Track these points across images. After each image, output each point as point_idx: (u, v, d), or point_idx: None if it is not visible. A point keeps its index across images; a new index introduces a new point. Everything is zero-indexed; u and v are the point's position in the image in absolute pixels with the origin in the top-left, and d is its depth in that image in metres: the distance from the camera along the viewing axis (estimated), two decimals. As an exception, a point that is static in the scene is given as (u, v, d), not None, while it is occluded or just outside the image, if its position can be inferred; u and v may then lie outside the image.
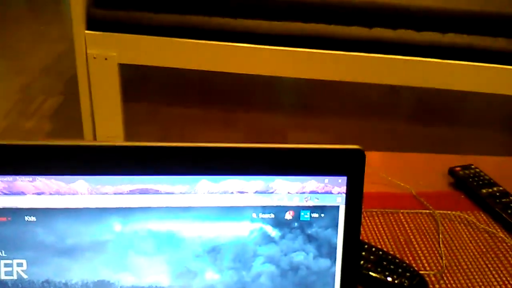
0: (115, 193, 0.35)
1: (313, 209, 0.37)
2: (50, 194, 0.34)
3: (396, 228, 0.64)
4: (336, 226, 0.38)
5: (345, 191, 0.38)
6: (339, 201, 0.38)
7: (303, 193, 0.37)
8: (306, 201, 0.37)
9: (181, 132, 1.72)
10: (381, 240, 0.61)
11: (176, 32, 1.44)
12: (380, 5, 1.41)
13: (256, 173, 0.36)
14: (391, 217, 0.66)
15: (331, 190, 0.37)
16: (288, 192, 0.37)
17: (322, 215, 0.38)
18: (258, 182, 0.36)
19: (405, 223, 0.65)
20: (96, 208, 0.35)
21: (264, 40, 1.44)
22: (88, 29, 1.44)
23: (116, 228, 0.35)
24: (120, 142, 0.34)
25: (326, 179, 0.37)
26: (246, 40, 1.44)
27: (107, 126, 1.56)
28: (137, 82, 2.06)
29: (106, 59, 1.45)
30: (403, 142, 1.77)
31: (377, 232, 0.63)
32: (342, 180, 0.37)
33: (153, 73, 2.12)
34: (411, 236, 0.63)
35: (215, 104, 1.92)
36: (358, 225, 0.38)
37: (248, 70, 1.49)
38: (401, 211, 0.67)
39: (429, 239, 0.62)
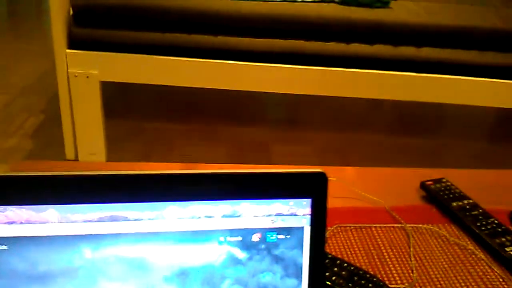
0: (84, 221, 0.36)
1: (279, 230, 0.39)
2: (21, 223, 0.35)
3: (369, 243, 0.65)
4: (302, 246, 0.39)
5: (309, 213, 0.39)
6: (304, 222, 0.39)
7: (269, 215, 0.38)
8: (272, 223, 0.39)
9: (164, 147, 1.72)
10: (354, 255, 0.63)
11: (157, 50, 1.45)
12: (356, 21, 1.44)
13: (222, 197, 0.37)
14: (364, 232, 0.67)
15: (296, 212, 0.39)
16: (255, 215, 0.38)
17: (288, 236, 0.39)
18: (225, 206, 0.38)
19: (377, 237, 0.67)
20: (67, 235, 0.36)
21: (244, 57, 1.46)
22: (69, 48, 1.45)
23: (87, 255, 0.36)
24: (88, 172, 0.35)
25: (291, 201, 0.39)
26: (226, 57, 1.46)
27: (89, 144, 1.56)
28: (120, 99, 2.07)
29: (87, 77, 1.46)
30: (385, 153, 1.80)
31: (350, 247, 0.64)
32: (306, 202, 0.39)
33: (136, 89, 2.14)
34: (383, 250, 0.64)
35: (198, 118, 1.94)
36: (322, 245, 0.39)
37: (229, 86, 1.51)
38: (374, 225, 0.69)
39: (400, 253, 0.64)
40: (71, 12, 1.45)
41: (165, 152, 1.70)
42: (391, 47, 1.45)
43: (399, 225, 0.69)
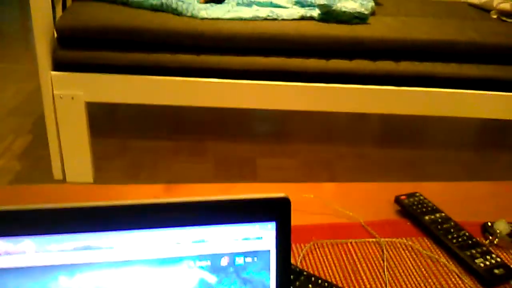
0: (60, 250, 0.38)
1: (247, 254, 0.41)
2: (0, 255, 0.37)
3: (345, 258, 0.68)
4: (269, 268, 0.41)
5: (274, 236, 0.41)
6: (270, 245, 0.41)
7: (236, 239, 0.41)
8: (240, 247, 0.41)
9: (151, 165, 1.74)
10: (329, 271, 0.65)
11: (141, 70, 1.48)
12: (335, 38, 1.47)
13: (191, 224, 0.40)
14: (340, 248, 0.70)
15: (262, 236, 0.41)
16: (223, 240, 0.40)
17: (255, 259, 0.41)
18: (194, 232, 0.40)
19: (353, 252, 0.69)
20: (43, 265, 0.38)
21: (227, 74, 1.49)
22: (54, 69, 1.47)
23: (63, 283, 0.38)
24: (62, 204, 0.37)
25: (257, 225, 0.41)
26: (210, 75, 1.49)
27: (76, 164, 1.57)
28: (107, 117, 2.09)
29: (72, 98, 1.48)
30: (371, 165, 1.83)
31: (326, 263, 0.66)
32: (271, 226, 0.41)
33: (122, 108, 2.16)
34: (358, 265, 0.66)
35: (184, 136, 1.96)
36: (288, 266, 0.42)
37: (213, 104, 1.54)
38: (350, 240, 0.71)
39: (375, 267, 0.66)
40: (56, 35, 1.47)
41: (152, 170, 1.71)
42: (370, 62, 1.49)
43: (374, 239, 0.72)
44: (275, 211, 0.41)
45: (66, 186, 0.82)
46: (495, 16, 1.86)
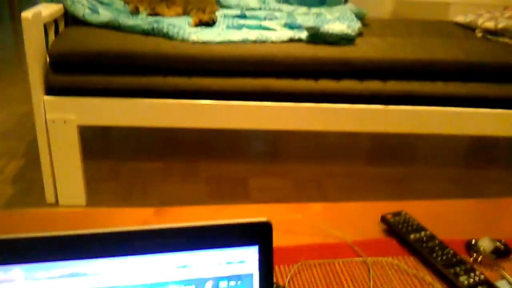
0: (48, 278, 0.39)
1: (230, 278, 0.42)
2: (-11, 283, 0.38)
3: (332, 279, 0.69)
4: (252, 291, 0.43)
5: (257, 259, 0.43)
6: (253, 268, 0.43)
7: (220, 264, 0.42)
8: (223, 271, 0.42)
9: (143, 186, 1.75)
10: (316, 292, 0.66)
11: (133, 93, 1.50)
12: (323, 59, 1.50)
13: (175, 249, 0.41)
14: (328, 268, 0.71)
15: (245, 259, 0.42)
16: (207, 264, 0.42)
17: (239, 282, 0.42)
18: (178, 257, 0.41)
19: (340, 272, 0.70)
20: (32, 293, 0.39)
21: (218, 96, 1.51)
22: (46, 94, 1.48)
23: (51, 310, 0.39)
24: (50, 232, 0.39)
25: (240, 249, 0.42)
26: (201, 97, 1.51)
27: (69, 187, 1.58)
28: (99, 140, 2.10)
29: (65, 122, 1.49)
30: (362, 184, 1.85)
31: (313, 283, 0.67)
32: (254, 250, 0.42)
33: (115, 130, 2.17)
34: (345, 285, 0.67)
35: (177, 157, 1.97)
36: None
37: (204, 125, 1.55)
38: (337, 260, 0.72)
39: (361, 287, 0.67)
40: (48, 60, 1.49)
41: (144, 192, 1.72)
42: (358, 82, 1.52)
43: (361, 259, 0.73)
44: (257, 235, 0.42)
45: (56, 211, 0.83)
46: (480, 35, 1.91)
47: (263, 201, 1.70)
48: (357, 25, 1.73)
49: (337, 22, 1.80)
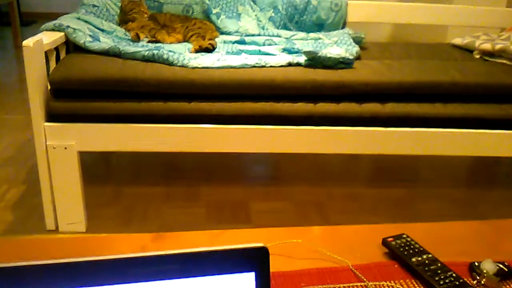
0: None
1: (227, 304, 0.41)
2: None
3: (333, 304, 0.68)
4: (249, 318, 0.42)
5: (254, 286, 0.42)
6: (250, 295, 0.42)
7: (217, 290, 0.41)
8: (220, 297, 0.41)
9: (143, 211, 1.74)
10: (317, 317, 0.65)
11: (133, 119, 1.50)
12: (322, 82, 1.51)
13: (172, 276, 0.40)
14: (329, 293, 0.70)
15: (241, 286, 0.42)
16: (203, 291, 0.41)
17: (236, 308, 0.42)
18: (173, 284, 0.40)
19: (341, 297, 0.69)
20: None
21: (218, 120, 1.52)
22: (47, 121, 1.49)
23: None
24: (46, 260, 0.39)
25: (236, 276, 0.42)
26: (201, 122, 1.52)
27: (69, 214, 1.58)
28: (100, 165, 2.10)
29: (65, 148, 1.50)
30: (364, 205, 1.84)
31: (314, 309, 0.66)
32: (250, 276, 0.42)
33: (115, 155, 2.18)
34: (346, 311, 0.66)
35: (177, 181, 1.97)
36: (268, 315, 0.42)
37: (205, 149, 1.56)
38: (338, 285, 0.71)
39: (363, 312, 0.66)
40: (49, 87, 1.50)
41: (144, 217, 1.71)
42: (357, 104, 1.52)
43: (362, 283, 0.72)
44: (254, 260, 0.42)
45: (56, 238, 0.83)
46: (477, 56, 1.92)
47: (264, 224, 1.68)
48: (355, 48, 1.75)
49: (335, 46, 1.82)
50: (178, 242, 0.79)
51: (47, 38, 1.52)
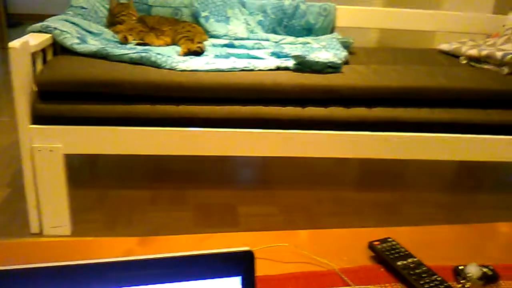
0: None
1: (212, 308, 0.41)
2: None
3: (319, 308, 0.68)
4: (234, 322, 0.42)
5: (240, 289, 0.42)
6: (235, 299, 0.42)
7: (201, 294, 0.41)
8: (205, 301, 0.41)
9: (129, 215, 1.73)
10: (303, 321, 0.65)
11: (120, 121, 1.49)
12: (310, 86, 1.52)
13: (156, 281, 0.40)
14: (315, 297, 0.70)
15: (227, 290, 0.42)
16: (188, 295, 0.41)
17: (221, 313, 0.41)
18: (159, 288, 0.40)
19: (327, 301, 0.69)
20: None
21: (206, 123, 1.51)
22: (32, 123, 1.47)
23: None
24: (29, 264, 0.38)
25: (222, 280, 0.41)
26: (189, 125, 1.51)
27: (54, 217, 1.56)
28: (86, 168, 2.08)
29: (51, 151, 1.48)
30: (349, 210, 1.84)
31: (300, 313, 0.66)
32: (236, 281, 0.42)
33: (102, 158, 2.16)
34: (332, 315, 0.66)
35: (164, 184, 1.96)
36: (253, 320, 0.42)
37: (192, 152, 1.55)
38: (325, 289, 0.71)
39: (349, 316, 0.66)
40: (35, 89, 1.49)
41: (131, 220, 1.70)
42: (344, 108, 1.53)
43: (348, 287, 0.72)
44: (240, 265, 0.42)
45: (40, 241, 0.82)
46: (464, 62, 1.95)
47: (252, 228, 1.68)
48: (343, 53, 1.76)
49: (324, 50, 1.83)
50: (164, 246, 0.78)
51: (34, 39, 1.51)
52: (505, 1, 2.70)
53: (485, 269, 0.74)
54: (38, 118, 1.47)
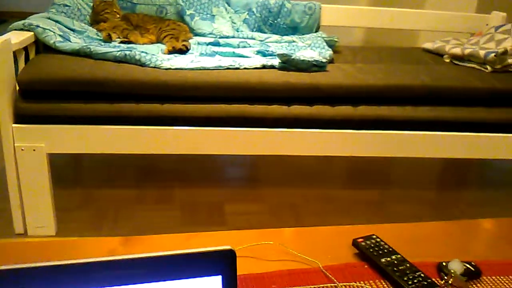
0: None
1: (194, 307, 0.41)
2: None
3: (303, 305, 0.68)
4: (216, 321, 0.41)
5: (221, 288, 0.42)
6: (217, 298, 0.42)
7: (183, 293, 0.41)
8: (187, 300, 0.41)
9: (115, 214, 1.71)
10: (287, 319, 0.65)
11: (104, 120, 1.48)
12: (296, 85, 1.52)
13: (137, 280, 0.40)
14: (299, 295, 0.70)
15: (208, 288, 0.41)
16: (169, 294, 0.40)
17: (203, 312, 0.41)
18: (140, 288, 0.40)
19: (311, 299, 0.69)
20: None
21: (192, 122, 1.51)
22: (15, 122, 1.45)
23: None
24: (12, 265, 0.37)
25: (203, 279, 0.41)
26: (174, 123, 1.50)
27: (38, 217, 1.54)
28: (71, 168, 2.06)
29: (34, 150, 1.46)
30: (335, 207, 1.85)
31: (284, 311, 0.66)
32: (217, 280, 0.41)
33: (86, 158, 2.14)
34: (316, 312, 0.67)
35: (150, 183, 1.95)
36: (235, 318, 0.42)
37: (178, 151, 1.54)
38: (309, 287, 0.71)
39: (333, 313, 0.67)
40: (17, 88, 1.47)
41: (116, 220, 1.68)
42: (330, 107, 1.54)
43: (333, 285, 0.72)
44: (221, 264, 0.41)
45: (24, 242, 0.81)
46: (447, 60, 1.96)
47: (239, 226, 1.68)
48: (328, 52, 1.77)
49: (309, 49, 1.84)
50: (147, 246, 0.78)
51: (16, 37, 1.49)
52: (488, 1, 2.73)
53: (467, 265, 0.75)
54: (21, 117, 1.45)
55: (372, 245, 0.79)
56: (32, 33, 1.59)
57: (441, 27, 2.32)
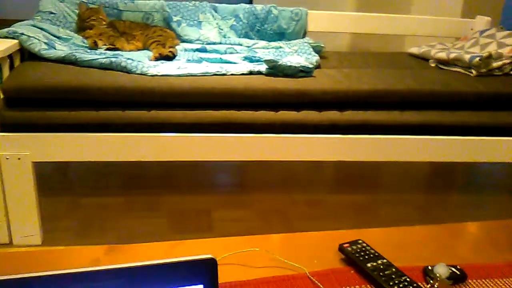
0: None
1: (175, 317, 0.41)
2: None
3: (289, 312, 0.67)
4: (198, 330, 0.41)
5: (203, 297, 0.41)
6: (198, 307, 0.41)
7: (164, 303, 0.40)
8: (168, 310, 0.40)
9: (102, 222, 1.70)
10: (273, 326, 0.65)
11: (90, 128, 1.47)
12: (282, 90, 1.52)
13: (117, 290, 0.39)
14: (285, 301, 0.70)
15: (190, 298, 0.41)
16: (150, 304, 0.40)
17: (184, 321, 0.41)
18: (120, 298, 0.39)
19: (297, 305, 0.69)
20: None
21: (178, 129, 1.50)
22: (0, 131, 1.44)
23: None
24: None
25: None
26: (161, 130, 1.50)
27: (23, 226, 1.52)
28: (57, 176, 2.04)
29: (19, 158, 1.45)
30: (323, 213, 1.85)
31: (270, 318, 0.66)
32: (199, 288, 0.41)
33: (73, 166, 2.12)
34: (303, 318, 0.66)
35: (138, 190, 1.93)
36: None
37: (165, 158, 1.54)
38: (295, 293, 0.71)
39: (319, 319, 0.66)
40: (2, 96, 1.45)
41: (103, 228, 1.67)
42: (316, 112, 1.54)
43: (319, 290, 0.72)
44: (201, 272, 0.41)
45: (9, 252, 0.80)
46: (433, 65, 1.98)
47: (227, 233, 1.67)
48: (314, 58, 1.78)
49: (296, 55, 1.84)
50: (131, 255, 0.77)
51: (0, 45, 1.47)
52: (473, 6, 2.77)
53: (453, 269, 0.75)
54: (5, 126, 1.43)
55: (358, 250, 0.79)
56: (16, 41, 1.58)
57: (427, 32, 2.35)
